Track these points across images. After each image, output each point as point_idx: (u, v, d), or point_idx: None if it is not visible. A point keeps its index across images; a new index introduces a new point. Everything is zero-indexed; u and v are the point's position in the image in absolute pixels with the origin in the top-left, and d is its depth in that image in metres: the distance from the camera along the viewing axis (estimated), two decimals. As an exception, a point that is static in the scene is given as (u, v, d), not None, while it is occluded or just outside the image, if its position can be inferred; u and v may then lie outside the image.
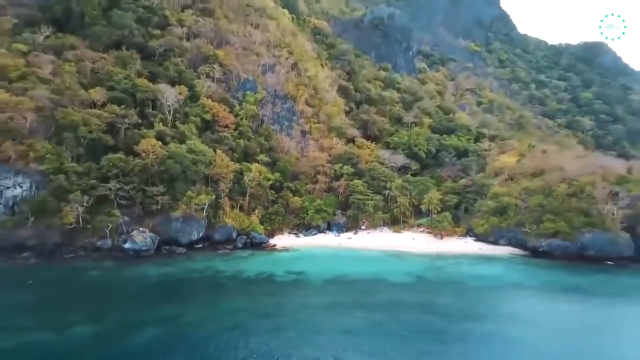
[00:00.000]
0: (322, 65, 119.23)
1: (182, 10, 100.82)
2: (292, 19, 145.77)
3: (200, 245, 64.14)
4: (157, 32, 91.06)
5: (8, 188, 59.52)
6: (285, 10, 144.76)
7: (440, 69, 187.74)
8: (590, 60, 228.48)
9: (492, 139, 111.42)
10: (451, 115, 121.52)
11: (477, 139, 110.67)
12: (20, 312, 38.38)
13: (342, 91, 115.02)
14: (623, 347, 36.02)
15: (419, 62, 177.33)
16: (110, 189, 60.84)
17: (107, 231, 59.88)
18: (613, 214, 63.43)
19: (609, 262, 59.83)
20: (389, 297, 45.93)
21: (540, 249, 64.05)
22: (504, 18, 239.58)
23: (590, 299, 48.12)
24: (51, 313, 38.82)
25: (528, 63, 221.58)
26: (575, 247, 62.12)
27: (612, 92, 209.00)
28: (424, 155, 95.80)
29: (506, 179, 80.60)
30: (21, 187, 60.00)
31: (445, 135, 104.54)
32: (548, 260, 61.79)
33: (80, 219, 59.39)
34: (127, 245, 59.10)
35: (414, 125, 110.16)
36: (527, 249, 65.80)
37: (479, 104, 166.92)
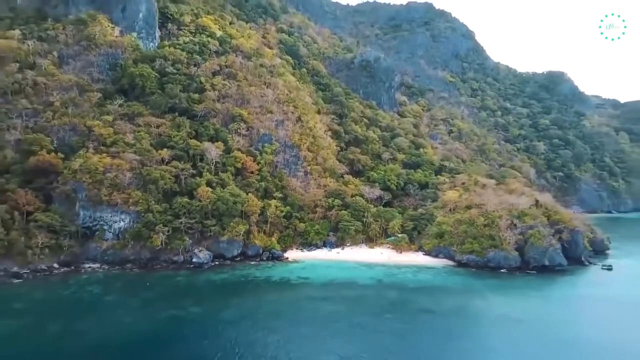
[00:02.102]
0: (319, 111, 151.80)
1: (214, 76, 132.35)
2: (295, 64, 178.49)
3: (239, 259, 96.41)
4: (196, 96, 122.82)
5: (116, 222, 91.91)
6: (289, 58, 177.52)
7: (419, 99, 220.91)
8: (552, 88, 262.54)
9: (451, 170, 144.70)
10: (421, 150, 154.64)
11: (440, 170, 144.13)
12: (156, 301, 70.54)
13: (334, 133, 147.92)
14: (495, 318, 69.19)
15: (400, 96, 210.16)
16: (181, 223, 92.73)
17: (180, 250, 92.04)
18: (510, 239, 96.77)
19: (502, 271, 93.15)
20: (359, 293, 78.31)
21: (462, 262, 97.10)
22: (478, 50, 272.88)
23: (483, 293, 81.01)
24: (172, 301, 70.76)
25: (497, 91, 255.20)
26: (483, 261, 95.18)
27: (567, 117, 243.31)
28: (394, 188, 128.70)
29: (450, 210, 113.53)
30: (124, 221, 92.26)
31: (412, 170, 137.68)
32: (466, 269, 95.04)
33: (163, 242, 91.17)
34: (194, 260, 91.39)
35: (390, 161, 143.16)
36: (455, 261, 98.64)
37: (449, 132, 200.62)
